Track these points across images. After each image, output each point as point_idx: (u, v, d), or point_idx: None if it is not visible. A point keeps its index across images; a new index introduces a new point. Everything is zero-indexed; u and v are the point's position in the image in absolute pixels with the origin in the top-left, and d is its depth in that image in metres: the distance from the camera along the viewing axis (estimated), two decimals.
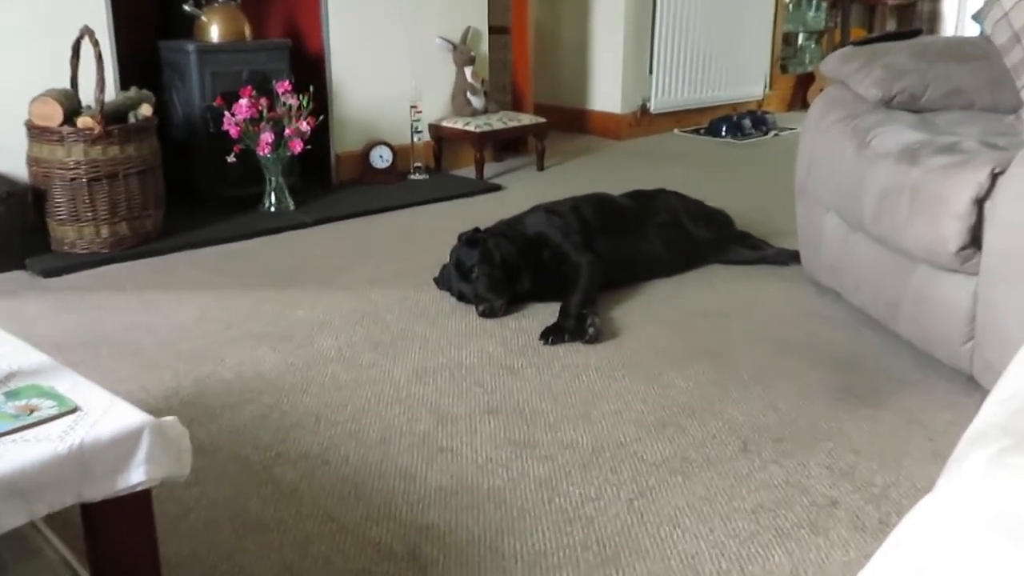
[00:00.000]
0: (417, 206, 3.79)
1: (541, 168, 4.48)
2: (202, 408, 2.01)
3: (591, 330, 2.35)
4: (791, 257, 2.94)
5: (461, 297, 2.63)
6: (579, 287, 2.53)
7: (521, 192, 3.93)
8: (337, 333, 2.44)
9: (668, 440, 1.87)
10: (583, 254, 2.63)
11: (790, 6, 6.18)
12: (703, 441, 1.87)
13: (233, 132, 3.39)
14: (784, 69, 6.23)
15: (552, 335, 2.37)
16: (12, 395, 1.17)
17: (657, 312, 2.60)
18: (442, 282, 2.72)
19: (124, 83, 3.35)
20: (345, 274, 2.93)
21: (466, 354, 2.31)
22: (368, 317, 2.55)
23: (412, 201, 3.82)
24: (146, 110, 3.12)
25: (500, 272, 2.58)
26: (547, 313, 2.53)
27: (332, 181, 4.07)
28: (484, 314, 2.52)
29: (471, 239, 2.65)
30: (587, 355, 2.30)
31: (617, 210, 2.92)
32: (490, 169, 4.38)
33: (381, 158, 4.11)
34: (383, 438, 1.88)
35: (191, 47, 3.54)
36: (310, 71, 3.88)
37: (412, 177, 4.20)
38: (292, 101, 3.47)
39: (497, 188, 4.07)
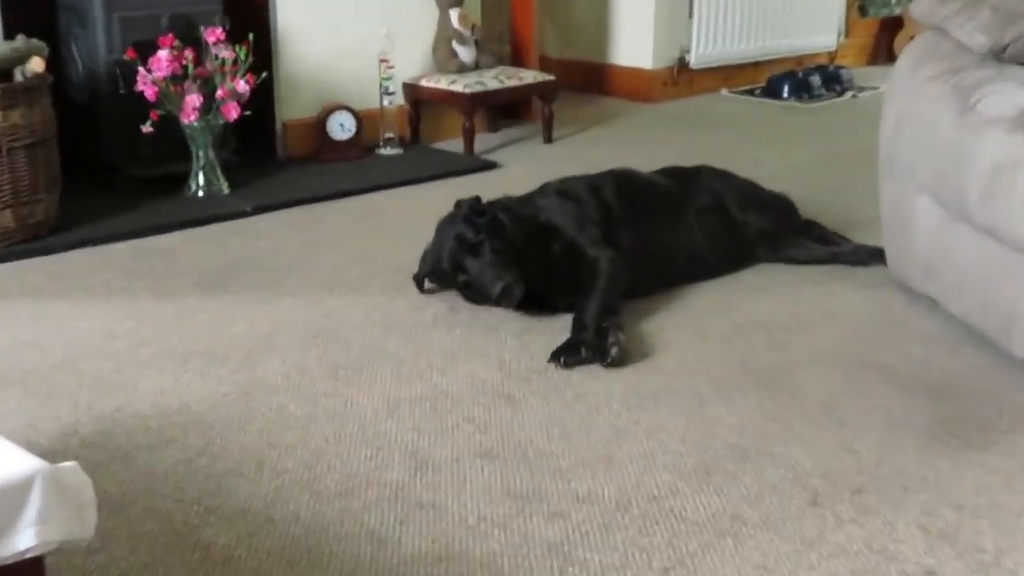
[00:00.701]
0: (388, 189, 3.78)
1: (549, 140, 4.47)
2: (110, 451, 2.00)
3: (614, 349, 2.35)
4: (872, 254, 2.94)
5: (457, 284, 2.60)
6: (596, 291, 2.53)
7: (523, 171, 3.93)
8: (285, 354, 2.44)
9: (714, 492, 1.87)
10: (602, 249, 2.63)
11: None
12: (759, 493, 1.87)
13: (150, 94, 3.39)
14: (863, 12, 6.24)
15: (565, 354, 2.37)
16: None
17: (699, 325, 2.60)
18: (427, 267, 2.68)
19: (8, 31, 3.35)
20: (295, 277, 2.93)
21: (452, 380, 2.31)
22: (325, 333, 2.55)
23: (382, 183, 3.81)
24: (37, 65, 3.12)
25: (512, 253, 2.57)
26: (556, 326, 2.53)
27: (278, 157, 4.06)
28: (503, 296, 2.50)
29: (474, 208, 2.66)
30: (608, 381, 2.29)
31: (648, 192, 2.92)
32: (482, 141, 4.38)
33: (342, 127, 4.11)
34: (344, 489, 1.88)
35: None
36: (249, 15, 3.88)
37: (382, 152, 4.20)
38: (226, 54, 3.47)
39: (492, 166, 4.07)
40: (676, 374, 2.33)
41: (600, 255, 2.61)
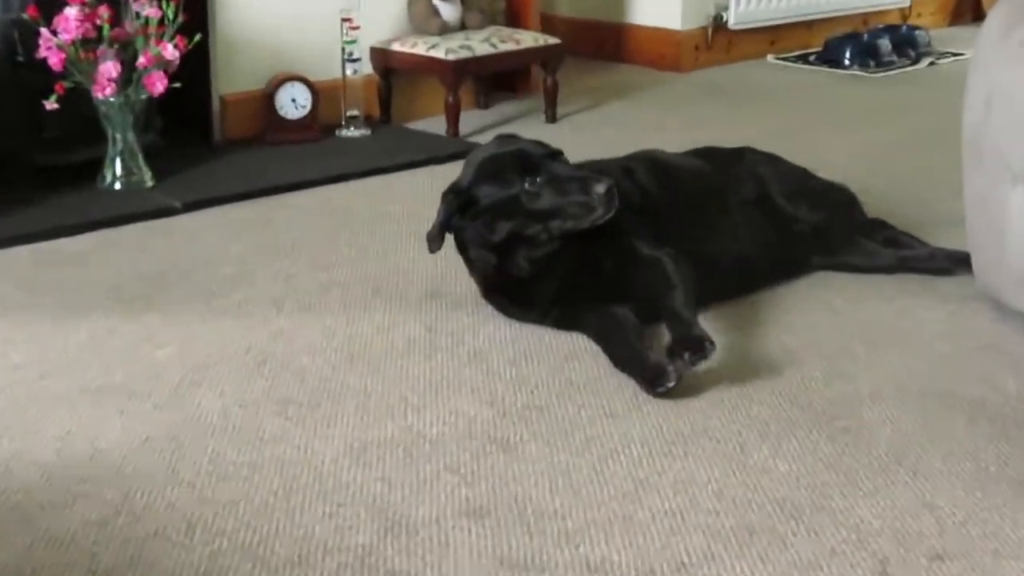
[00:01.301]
0: (351, 180, 3.79)
1: (552, 118, 4.48)
2: (4, 510, 1.99)
3: (705, 356, 2.36)
4: (954, 261, 2.94)
5: (521, 195, 2.56)
6: (676, 289, 2.53)
7: None
8: (223, 386, 2.43)
9: (758, 558, 1.87)
10: (657, 248, 2.63)
11: None
12: (816, 559, 1.87)
13: (55, 61, 3.40)
14: None
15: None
16: None
17: (740, 350, 2.60)
18: (464, 196, 2.61)
19: None
20: (237, 290, 2.93)
21: (432, 419, 2.30)
22: (273, 360, 2.55)
23: (344, 172, 3.82)
24: None
25: None
26: (560, 351, 2.53)
27: (214, 140, 4.07)
28: (607, 197, 2.51)
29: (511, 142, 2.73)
30: (626, 422, 2.29)
31: (687, 180, 2.91)
32: (469, 120, 4.38)
33: (294, 103, 4.11)
34: (297, 556, 1.88)
35: None
36: None
37: (344, 133, 4.20)
38: (150, 12, 3.47)
39: None
40: (711, 412, 2.33)
41: (660, 254, 2.62)
